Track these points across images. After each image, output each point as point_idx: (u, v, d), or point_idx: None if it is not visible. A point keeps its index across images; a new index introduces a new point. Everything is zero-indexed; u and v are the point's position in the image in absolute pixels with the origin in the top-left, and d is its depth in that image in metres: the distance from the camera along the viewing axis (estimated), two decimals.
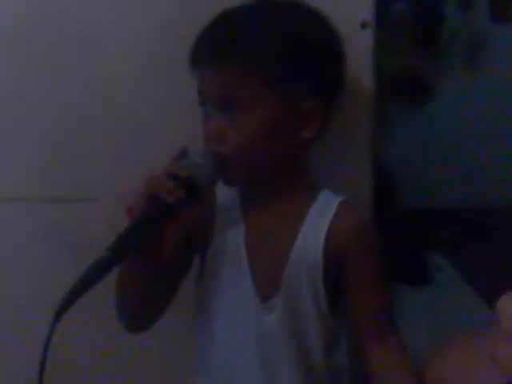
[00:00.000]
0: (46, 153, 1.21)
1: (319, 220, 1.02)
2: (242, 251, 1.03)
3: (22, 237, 1.23)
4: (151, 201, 0.93)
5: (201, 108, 1.02)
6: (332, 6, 1.09)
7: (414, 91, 2.56)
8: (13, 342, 1.23)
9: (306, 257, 1.01)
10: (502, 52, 2.75)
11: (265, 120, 0.97)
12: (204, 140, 1.00)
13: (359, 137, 1.16)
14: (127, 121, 1.20)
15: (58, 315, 0.85)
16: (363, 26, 1.13)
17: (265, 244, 1.03)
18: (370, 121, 1.16)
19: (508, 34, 2.75)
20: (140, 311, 1.04)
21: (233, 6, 1.02)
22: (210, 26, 1.01)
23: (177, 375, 1.21)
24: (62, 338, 0.85)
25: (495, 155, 2.81)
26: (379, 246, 1.03)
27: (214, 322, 1.06)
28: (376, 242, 1.03)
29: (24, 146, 1.21)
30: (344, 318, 1.05)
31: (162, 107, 1.19)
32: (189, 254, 1.07)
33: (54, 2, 1.17)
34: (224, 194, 1.06)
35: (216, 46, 0.99)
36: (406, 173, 2.64)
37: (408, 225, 2.40)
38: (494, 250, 2.28)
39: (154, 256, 0.97)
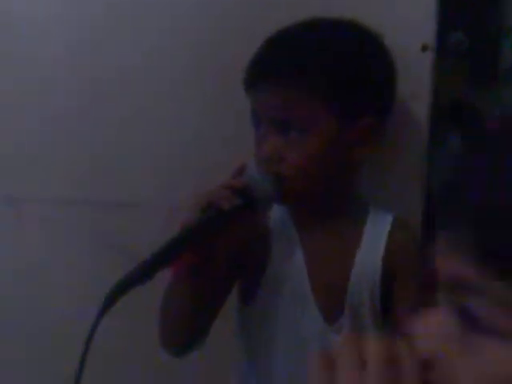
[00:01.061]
0: (98, 157, 1.22)
1: (375, 238, 1.02)
2: (303, 275, 1.02)
3: (72, 238, 1.24)
4: (207, 210, 0.91)
5: (253, 127, 1.01)
6: (394, 28, 1.10)
7: (467, 121, 2.53)
8: (55, 338, 1.25)
9: (367, 275, 1.01)
10: None
11: (322, 140, 0.96)
12: (258, 159, 0.99)
13: (411, 154, 1.15)
14: (179, 132, 1.20)
15: (103, 310, 0.83)
16: (424, 48, 1.13)
17: (325, 266, 1.02)
18: (423, 140, 1.15)
19: None
20: (184, 331, 1.02)
21: (287, 26, 1.00)
22: (265, 47, 1.00)
23: None
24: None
25: None
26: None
27: (274, 346, 1.04)
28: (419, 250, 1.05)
29: (76, 150, 1.22)
30: None
31: (214, 116, 1.18)
32: (236, 276, 1.06)
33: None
34: (276, 216, 1.05)
35: (273, 67, 0.98)
36: None
37: None
38: None
39: (205, 270, 0.95)
